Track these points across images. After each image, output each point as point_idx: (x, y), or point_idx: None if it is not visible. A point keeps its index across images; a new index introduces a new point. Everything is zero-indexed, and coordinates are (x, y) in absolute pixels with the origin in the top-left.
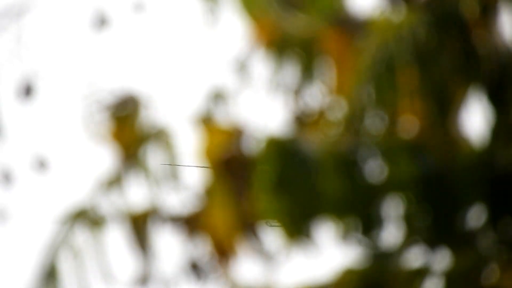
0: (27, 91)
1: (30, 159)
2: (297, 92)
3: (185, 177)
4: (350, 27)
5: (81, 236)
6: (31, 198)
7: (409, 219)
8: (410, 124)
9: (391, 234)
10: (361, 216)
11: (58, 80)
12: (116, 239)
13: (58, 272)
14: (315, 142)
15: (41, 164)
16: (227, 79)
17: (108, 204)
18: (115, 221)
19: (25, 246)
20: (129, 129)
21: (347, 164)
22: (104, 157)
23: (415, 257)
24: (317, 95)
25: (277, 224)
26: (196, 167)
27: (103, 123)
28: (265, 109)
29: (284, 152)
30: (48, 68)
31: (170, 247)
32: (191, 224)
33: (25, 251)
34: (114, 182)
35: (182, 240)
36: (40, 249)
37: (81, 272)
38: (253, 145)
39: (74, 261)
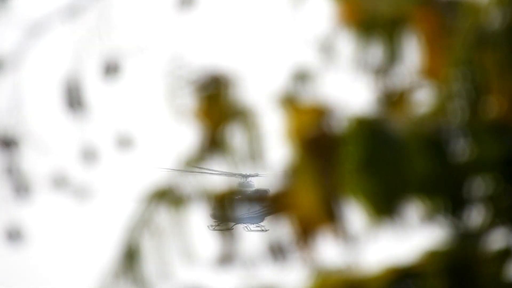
0: (112, 69)
1: (114, 137)
2: (383, 72)
3: (269, 157)
4: (441, 7)
5: (163, 215)
6: (115, 176)
7: (494, 200)
8: (498, 105)
9: (476, 215)
10: (448, 196)
11: (142, 58)
12: (198, 218)
13: (140, 251)
14: (402, 122)
15: (125, 142)
16: (312, 59)
17: (190, 183)
18: (197, 200)
19: (108, 224)
20: (214, 108)
21: (435, 144)
22: (188, 135)
23: (499, 239)
24: (403, 75)
25: (363, 203)
26: (281, 147)
27: (188, 101)
28: (351, 88)
29: (370, 132)
30: (132, 46)
31: (252, 227)
32: (274, 204)
33: (107, 229)
34: (199, 161)
35: (267, 219)
36: (123, 227)
37: (162, 251)
38: (339, 125)
39: (156, 240)
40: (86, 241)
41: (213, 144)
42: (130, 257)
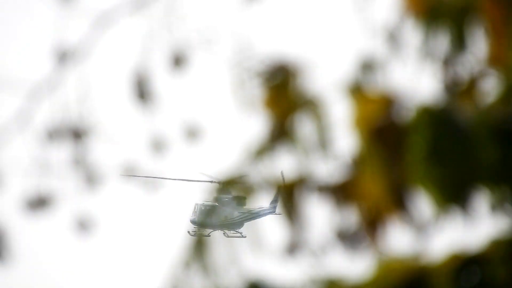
0: (179, 60)
1: (183, 128)
2: (450, 60)
3: (336, 146)
4: None
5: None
6: (183, 166)
7: None
8: None
9: None
10: None
11: (210, 49)
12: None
13: (210, 239)
14: (469, 111)
15: (193, 133)
16: (379, 48)
17: (260, 172)
18: (265, 189)
19: (177, 214)
20: (282, 98)
21: (502, 133)
22: (256, 125)
23: None
24: (470, 64)
25: (430, 192)
26: (347, 136)
27: (256, 91)
28: (418, 77)
29: (438, 121)
30: (200, 37)
31: (320, 216)
32: (341, 193)
33: (177, 219)
34: (267, 150)
35: (333, 208)
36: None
37: (231, 240)
38: (405, 114)
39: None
40: (155, 231)
41: (281, 133)
42: (199, 246)
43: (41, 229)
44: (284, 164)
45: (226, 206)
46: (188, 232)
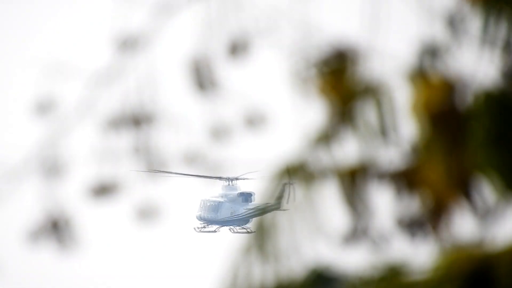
0: (238, 48)
1: (244, 116)
2: (509, 46)
3: (398, 132)
4: None
5: (298, 191)
6: (245, 153)
7: None
8: None
9: None
10: None
11: (269, 36)
12: (332, 193)
13: (272, 226)
14: None
15: (255, 120)
16: (441, 34)
17: (320, 159)
18: (327, 176)
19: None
20: (341, 84)
21: None
22: (316, 112)
23: None
24: None
25: (493, 178)
26: (410, 122)
27: (315, 77)
28: (477, 63)
29: (499, 106)
30: (259, 24)
31: (383, 203)
32: (404, 180)
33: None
34: (329, 137)
35: (396, 195)
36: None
37: (294, 226)
38: (467, 100)
39: (289, 216)
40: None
41: (342, 120)
42: (262, 232)
43: (104, 217)
44: (347, 150)
45: (232, 202)
46: (195, 228)
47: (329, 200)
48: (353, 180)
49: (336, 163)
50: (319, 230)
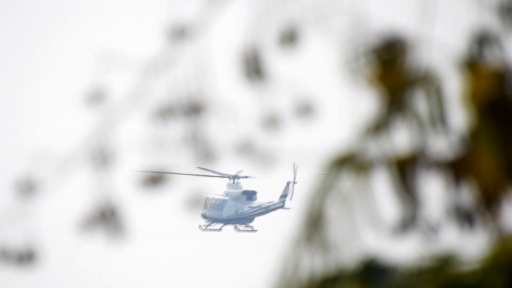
0: (290, 38)
1: (295, 105)
2: None
3: (451, 121)
4: None
5: (348, 181)
6: (297, 143)
7: None
8: None
9: None
10: None
11: (319, 25)
12: (383, 183)
13: (324, 216)
14: None
15: (306, 109)
16: (491, 23)
17: (374, 149)
18: (381, 166)
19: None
20: (394, 73)
21: None
22: (369, 101)
23: None
24: None
25: None
26: (460, 112)
27: (365, 67)
28: None
29: None
30: (309, 14)
31: (436, 192)
32: (456, 168)
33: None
34: (380, 127)
35: (446, 185)
36: (308, 194)
37: (348, 217)
38: None
39: (341, 206)
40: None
41: (393, 109)
42: (314, 223)
43: (153, 207)
44: (400, 139)
45: (236, 200)
46: (199, 226)
47: (380, 190)
48: (404, 170)
49: (387, 153)
50: (370, 221)
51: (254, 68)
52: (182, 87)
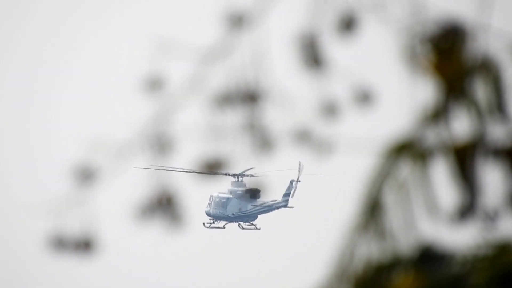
0: (346, 25)
1: (353, 93)
2: None
3: (509, 109)
4: None
5: (406, 169)
6: (354, 131)
7: None
8: None
9: None
10: None
11: (377, 12)
12: (441, 171)
13: (382, 204)
14: None
15: (364, 97)
16: None
17: (432, 136)
18: (439, 153)
19: (348, 179)
20: (452, 61)
21: None
22: (427, 89)
23: None
24: None
25: None
26: None
27: (425, 55)
28: None
29: None
30: (367, 1)
31: (494, 180)
32: None
33: (348, 184)
34: (438, 114)
35: (505, 173)
36: (364, 182)
37: (406, 204)
38: None
39: (398, 194)
40: (327, 196)
41: (452, 97)
42: (372, 211)
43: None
44: (459, 127)
45: (239, 198)
46: (203, 223)
47: (438, 178)
48: (463, 157)
49: (445, 140)
50: (427, 208)
51: (311, 55)
52: (239, 75)
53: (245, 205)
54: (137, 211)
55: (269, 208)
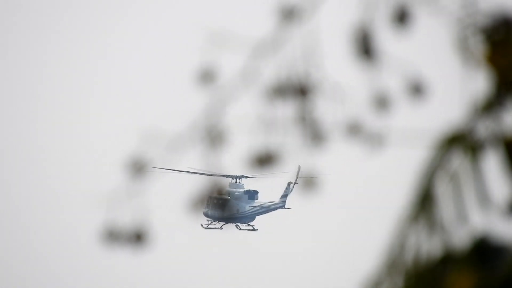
0: (401, 16)
1: (406, 84)
2: None
3: None
4: None
5: (457, 161)
6: (407, 123)
7: None
8: None
9: None
10: None
11: (431, 3)
12: (493, 163)
13: (434, 196)
14: None
15: (417, 89)
16: None
17: (484, 128)
18: (491, 145)
19: (399, 171)
20: (506, 53)
21: None
22: (480, 80)
23: None
24: None
25: None
26: None
27: (479, 46)
28: None
29: None
30: None
31: None
32: None
33: (399, 176)
34: (490, 106)
35: None
36: (416, 174)
37: (457, 196)
38: None
39: (450, 185)
40: (377, 187)
41: (505, 89)
42: (424, 203)
43: (265, 185)
44: (509, 119)
45: (237, 199)
46: (201, 224)
47: (490, 170)
48: None
49: (498, 132)
50: (481, 200)
51: (364, 47)
52: (291, 68)
53: (243, 206)
54: (189, 203)
55: (267, 209)
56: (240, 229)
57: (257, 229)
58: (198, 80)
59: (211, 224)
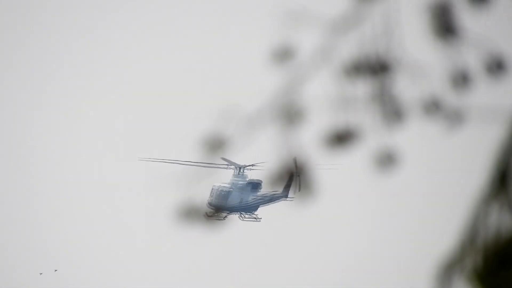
0: None
1: (486, 61)
2: None
3: None
4: None
5: None
6: (486, 100)
7: None
8: None
9: None
10: None
11: None
12: None
13: None
14: None
15: (497, 66)
16: None
17: None
18: None
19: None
20: None
21: None
22: None
23: None
24: None
25: None
26: None
27: None
28: None
29: None
30: None
31: None
32: None
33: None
34: None
35: None
36: (495, 151)
37: None
38: None
39: None
40: (450, 165)
41: None
42: (502, 180)
43: (341, 165)
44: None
45: (241, 190)
46: (204, 214)
47: None
48: None
49: None
50: None
51: (444, 24)
52: (369, 45)
53: (246, 197)
54: (266, 181)
55: (270, 199)
56: (244, 218)
57: (260, 218)
58: (276, 59)
59: (214, 214)
